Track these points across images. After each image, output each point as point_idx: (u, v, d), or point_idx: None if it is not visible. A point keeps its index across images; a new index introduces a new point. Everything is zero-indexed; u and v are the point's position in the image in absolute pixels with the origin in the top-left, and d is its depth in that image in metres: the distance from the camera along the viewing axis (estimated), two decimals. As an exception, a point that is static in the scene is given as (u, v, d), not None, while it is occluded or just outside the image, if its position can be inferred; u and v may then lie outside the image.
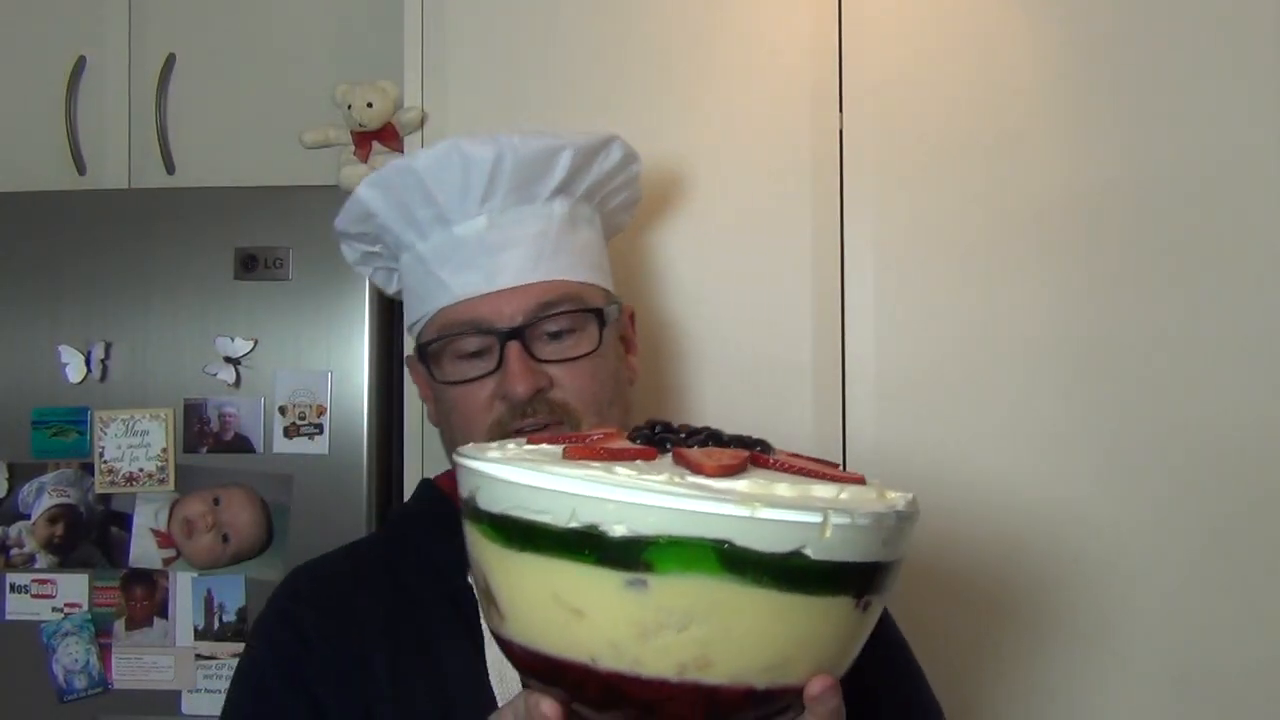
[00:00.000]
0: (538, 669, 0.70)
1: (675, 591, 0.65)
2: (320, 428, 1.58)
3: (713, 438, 0.75)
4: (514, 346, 1.05)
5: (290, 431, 1.58)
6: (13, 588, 1.60)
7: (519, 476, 0.67)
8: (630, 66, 1.55)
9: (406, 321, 1.17)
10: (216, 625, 1.56)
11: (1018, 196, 1.49)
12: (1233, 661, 1.45)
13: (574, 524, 0.65)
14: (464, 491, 0.73)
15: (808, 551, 0.65)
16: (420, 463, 1.56)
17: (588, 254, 1.13)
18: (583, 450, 0.71)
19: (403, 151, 1.59)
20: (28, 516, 1.60)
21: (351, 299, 1.59)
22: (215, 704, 1.54)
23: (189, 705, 1.56)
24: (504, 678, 0.98)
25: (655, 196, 1.50)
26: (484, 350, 1.07)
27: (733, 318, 1.52)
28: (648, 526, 0.64)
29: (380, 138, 1.59)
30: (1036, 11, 1.50)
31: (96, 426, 1.60)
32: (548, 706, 0.69)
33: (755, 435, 0.77)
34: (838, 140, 1.52)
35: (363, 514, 1.57)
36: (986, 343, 1.49)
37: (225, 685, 1.53)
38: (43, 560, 1.60)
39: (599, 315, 1.09)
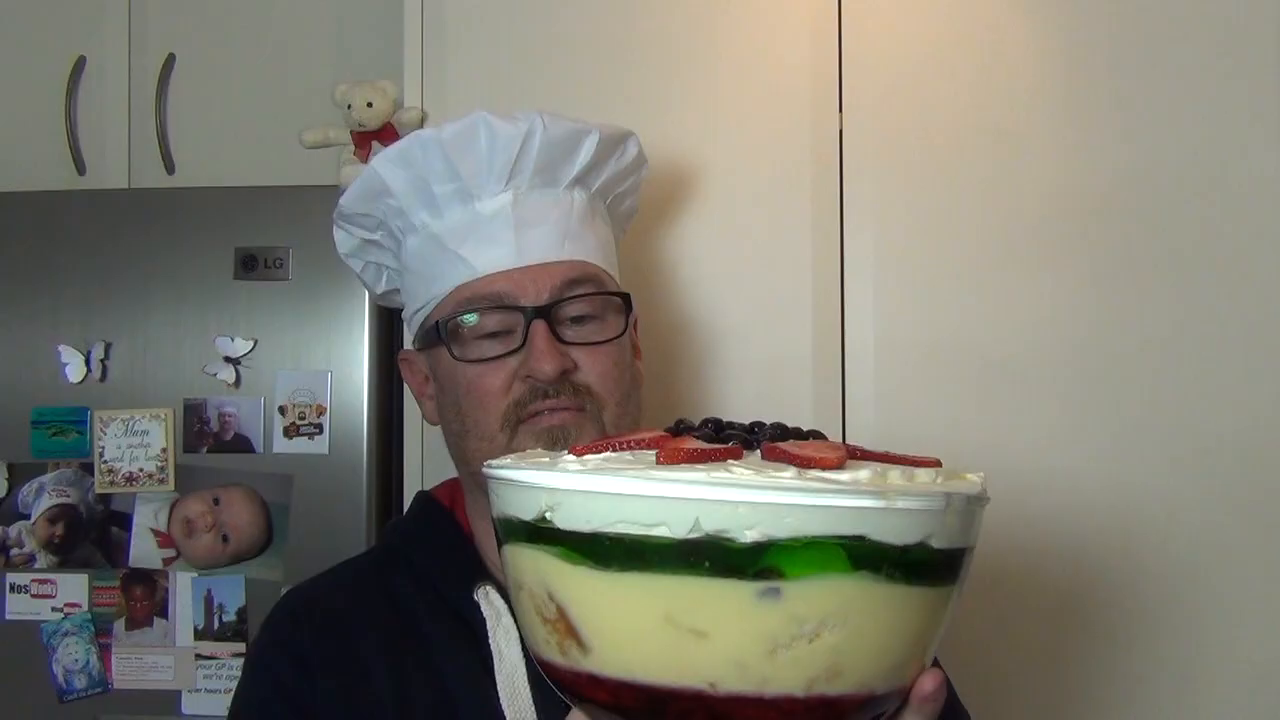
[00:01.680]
0: (635, 702, 0.62)
1: (810, 597, 0.60)
2: (320, 428, 1.58)
3: (784, 431, 0.70)
4: (540, 324, 1.00)
5: (290, 431, 1.58)
6: (13, 588, 1.60)
7: (625, 487, 0.61)
8: (630, 67, 1.55)
9: (408, 310, 1.12)
10: (216, 625, 1.56)
11: (1017, 196, 1.49)
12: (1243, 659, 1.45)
13: (695, 534, 0.59)
14: (522, 513, 0.65)
15: (932, 541, 0.62)
16: (420, 463, 1.56)
17: (605, 248, 1.10)
18: (678, 453, 0.64)
19: (403, 151, 1.59)
20: (28, 516, 1.60)
21: (351, 299, 1.59)
22: (215, 704, 1.55)
23: (189, 705, 1.56)
24: (515, 698, 0.95)
25: (655, 196, 1.50)
26: (505, 330, 1.02)
27: (733, 317, 1.52)
28: (783, 529, 0.59)
29: (380, 138, 1.59)
30: (1036, 12, 1.50)
31: (96, 426, 1.60)
32: None
33: (767, 421, 0.74)
34: (838, 140, 1.52)
35: (363, 514, 1.57)
36: (986, 342, 1.49)
37: (225, 685, 1.55)
38: (43, 560, 1.60)
39: (625, 302, 1.06)
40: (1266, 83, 1.47)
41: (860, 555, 0.60)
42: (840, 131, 1.52)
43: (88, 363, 1.61)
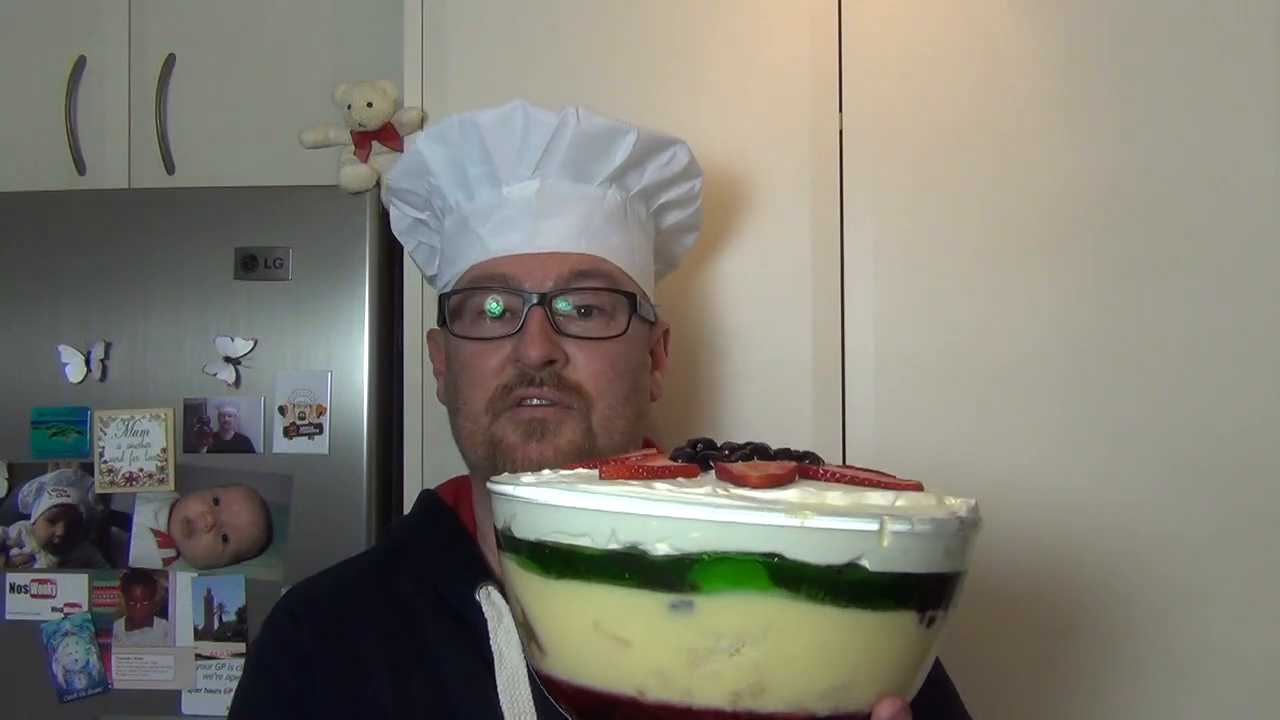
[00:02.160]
0: (584, 705, 0.66)
1: (724, 612, 0.61)
2: (320, 428, 1.58)
3: (758, 451, 0.71)
4: (538, 311, 1.00)
5: (290, 431, 1.58)
6: (13, 588, 1.60)
7: (554, 498, 0.64)
8: (630, 66, 1.55)
9: (437, 286, 1.13)
10: (216, 625, 1.56)
11: (1018, 196, 1.49)
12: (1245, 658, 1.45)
13: (614, 545, 0.62)
14: (499, 522, 0.70)
15: (865, 563, 0.62)
16: (420, 463, 1.56)
17: (634, 251, 1.09)
18: (620, 469, 0.67)
19: (402, 151, 1.59)
20: (28, 516, 1.60)
21: (351, 299, 1.59)
22: (215, 704, 1.55)
23: (189, 705, 1.56)
24: (515, 700, 0.95)
25: (655, 196, 1.50)
26: (508, 313, 1.02)
27: (732, 318, 1.52)
28: (691, 543, 0.61)
29: (380, 138, 1.59)
30: (1036, 12, 1.50)
31: (96, 426, 1.60)
32: None
33: (757, 442, 0.74)
34: (838, 140, 1.52)
35: (363, 514, 1.57)
36: (986, 343, 1.49)
37: (225, 685, 1.55)
38: (43, 560, 1.60)
39: (631, 301, 1.05)
40: (1266, 83, 1.47)
41: (779, 574, 0.61)
42: (840, 131, 1.52)
43: (88, 363, 1.61)
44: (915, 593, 0.64)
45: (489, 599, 1.00)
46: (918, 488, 0.70)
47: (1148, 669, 1.46)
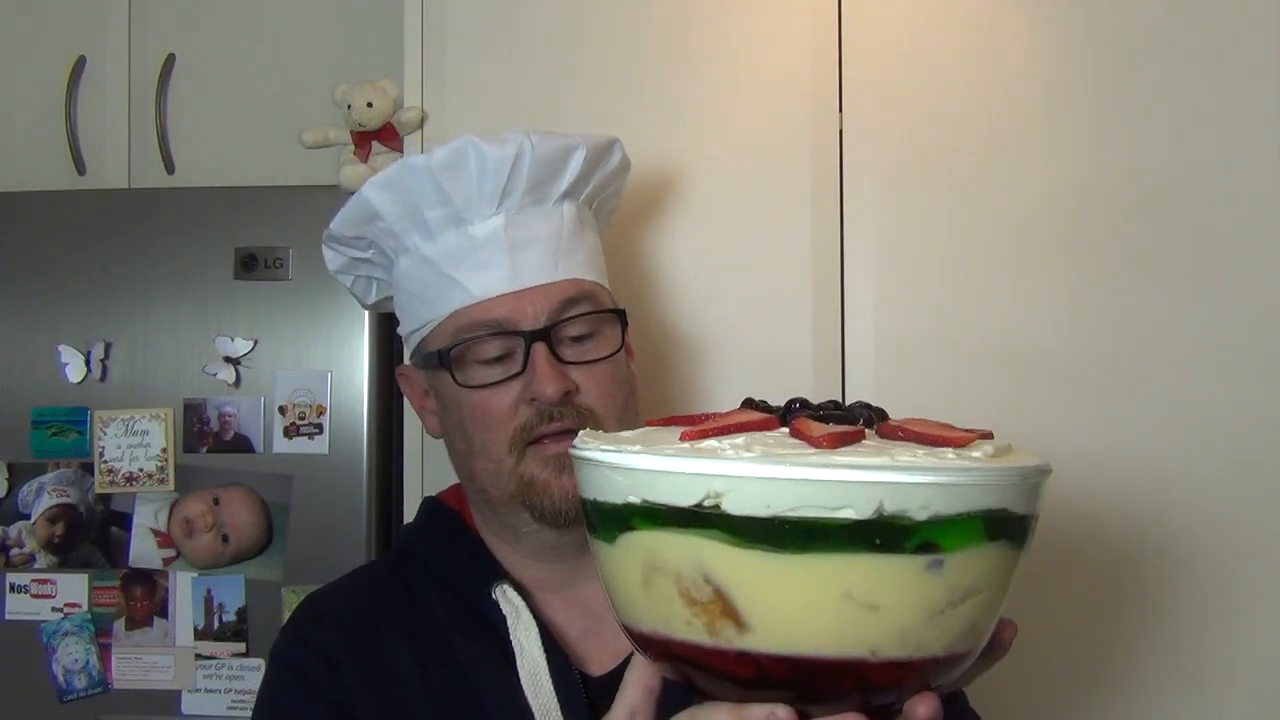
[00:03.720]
0: (786, 674, 0.65)
1: (964, 567, 0.65)
2: (320, 428, 1.58)
3: (865, 407, 0.74)
4: (540, 348, 1.02)
5: (290, 431, 1.58)
6: (13, 588, 1.60)
7: (809, 474, 0.63)
8: (630, 66, 1.55)
9: (405, 329, 1.13)
10: (216, 625, 1.56)
11: (1017, 196, 1.49)
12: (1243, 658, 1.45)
13: (874, 515, 0.63)
14: (673, 499, 0.66)
15: (1036, 509, 0.69)
16: (420, 462, 1.56)
17: (595, 258, 1.11)
18: (835, 436, 0.67)
19: (402, 151, 1.59)
20: (28, 516, 1.60)
21: (351, 299, 1.58)
22: (215, 704, 1.55)
23: (189, 705, 1.56)
24: (538, 691, 0.98)
25: (655, 196, 1.50)
26: (506, 354, 1.03)
27: (732, 317, 1.52)
28: (951, 506, 0.63)
29: (380, 138, 1.59)
30: (1036, 12, 1.50)
31: (96, 426, 1.60)
32: (786, 713, 0.65)
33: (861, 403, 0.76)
34: (838, 140, 1.52)
35: (363, 514, 1.57)
36: (986, 342, 1.49)
37: (225, 685, 1.55)
38: (43, 560, 1.60)
39: (621, 317, 1.08)
40: (1266, 83, 1.47)
41: (996, 525, 0.65)
42: (840, 131, 1.52)
43: (88, 363, 1.61)
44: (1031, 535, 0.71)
45: (505, 597, 1.03)
46: (990, 435, 0.74)
47: (1142, 662, 1.46)
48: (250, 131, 1.84)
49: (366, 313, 1.59)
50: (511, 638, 1.01)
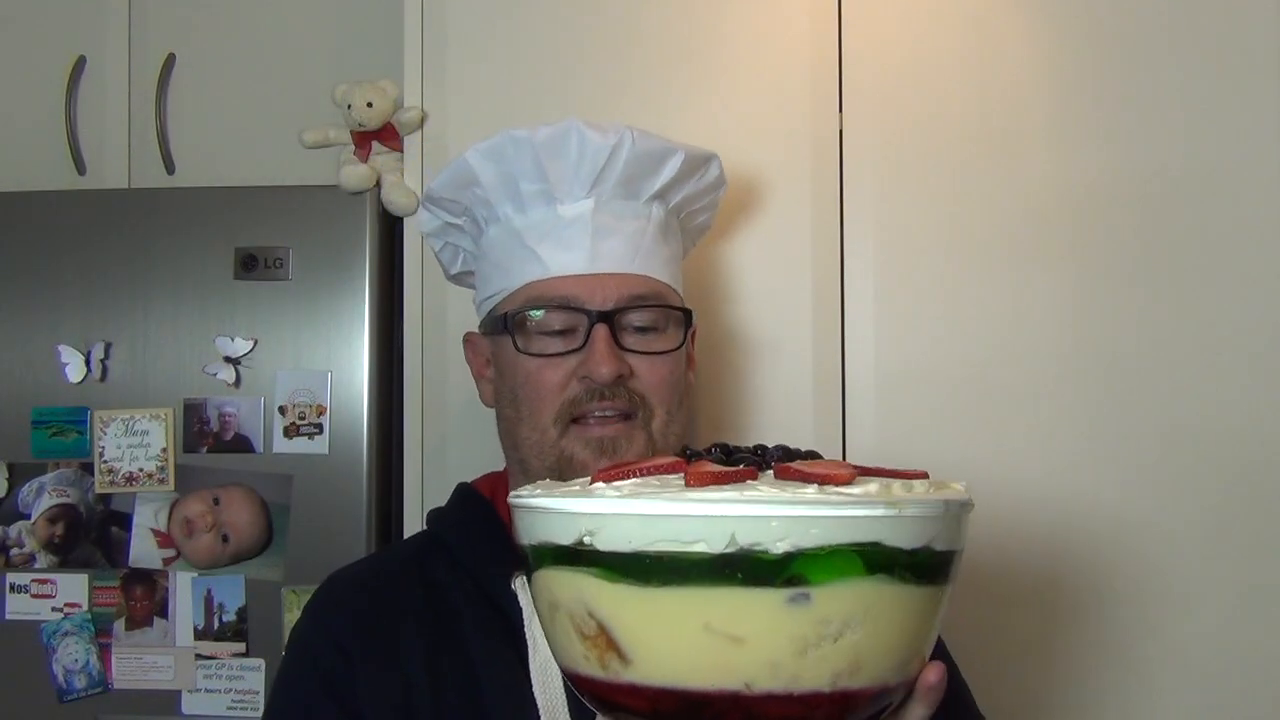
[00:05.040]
0: (673, 708, 0.67)
1: (834, 600, 0.65)
2: (320, 428, 1.58)
3: (782, 451, 0.76)
4: (602, 329, 1.05)
5: (290, 431, 1.58)
6: (13, 588, 1.60)
7: (667, 509, 0.66)
8: (630, 67, 1.55)
9: (479, 295, 1.16)
10: (216, 625, 1.56)
11: (1018, 196, 1.50)
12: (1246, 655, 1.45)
13: (730, 548, 0.64)
14: (559, 538, 0.70)
15: (934, 544, 0.68)
16: (420, 462, 1.56)
17: (673, 264, 1.15)
18: (706, 476, 0.69)
19: (402, 151, 1.59)
20: (28, 516, 1.60)
21: (351, 299, 1.59)
22: (215, 704, 1.55)
23: (189, 705, 1.56)
24: (547, 687, 0.98)
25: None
26: (568, 330, 1.06)
27: (732, 318, 1.52)
28: (810, 539, 0.64)
29: (380, 138, 1.59)
30: (1036, 12, 1.50)
31: (96, 426, 1.60)
32: None
33: (759, 444, 0.78)
34: (838, 140, 1.52)
35: (363, 514, 1.57)
36: (986, 343, 1.49)
37: (225, 685, 1.55)
38: (43, 560, 1.60)
39: (686, 317, 1.11)
40: (1266, 82, 1.47)
41: (875, 560, 0.66)
42: (840, 131, 1.52)
43: (88, 363, 1.61)
44: (951, 568, 0.71)
45: (524, 589, 1.03)
46: (924, 475, 0.75)
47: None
48: (250, 131, 1.84)
49: (367, 313, 1.59)
50: (526, 632, 1.01)
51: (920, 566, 0.68)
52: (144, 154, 1.85)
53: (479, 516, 1.12)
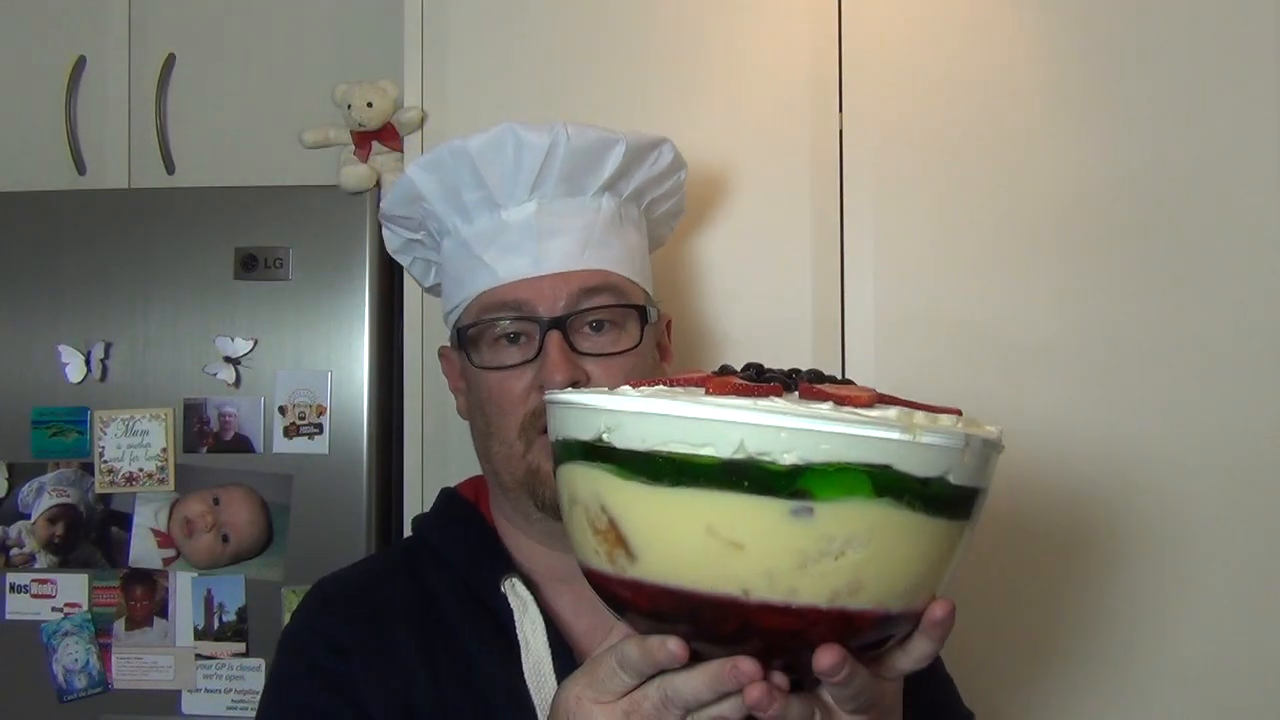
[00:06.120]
0: (672, 607, 0.68)
1: (838, 518, 0.65)
2: (320, 428, 1.58)
3: (814, 373, 0.76)
4: (554, 335, 1.03)
5: (290, 431, 1.58)
6: (13, 588, 1.60)
7: (681, 410, 0.66)
8: (630, 67, 1.55)
9: (444, 309, 1.15)
10: (216, 625, 1.56)
11: (1017, 196, 1.50)
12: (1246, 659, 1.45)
13: (739, 455, 0.65)
14: (581, 433, 0.71)
15: (950, 477, 0.68)
16: (420, 462, 1.56)
17: (633, 255, 1.12)
18: (727, 385, 0.70)
19: (402, 151, 1.59)
20: (28, 516, 1.60)
21: (351, 299, 1.59)
22: (215, 704, 1.55)
23: (189, 705, 1.56)
24: (541, 685, 0.99)
25: (655, 196, 1.50)
26: (522, 336, 1.05)
27: (731, 319, 1.52)
28: (818, 454, 0.64)
29: (380, 138, 1.59)
30: (1037, 11, 1.50)
31: (96, 426, 1.60)
32: (676, 644, 0.69)
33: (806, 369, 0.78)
34: (838, 140, 1.52)
35: (363, 514, 1.57)
36: (986, 343, 1.49)
37: (225, 685, 1.55)
38: (43, 560, 1.60)
39: (641, 313, 1.08)
40: (1267, 82, 1.47)
41: (884, 483, 0.66)
42: (840, 131, 1.52)
43: (88, 363, 1.61)
44: (971, 505, 0.71)
45: (514, 590, 1.04)
46: (958, 413, 0.74)
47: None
48: (250, 131, 1.84)
49: (367, 313, 1.59)
50: (518, 632, 1.01)
51: (933, 497, 0.67)
52: (144, 154, 1.85)
53: (465, 520, 1.12)
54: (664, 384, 0.74)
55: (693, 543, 0.67)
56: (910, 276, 1.50)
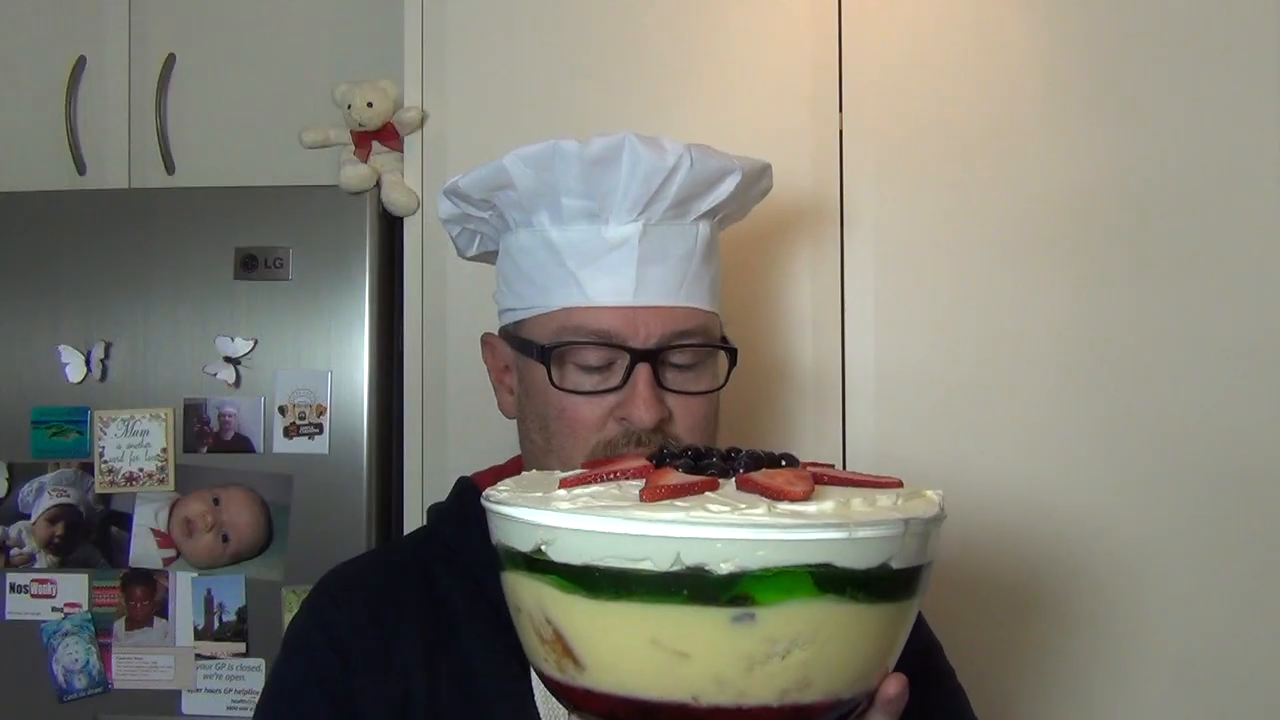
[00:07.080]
0: (626, 713, 0.69)
1: (781, 620, 0.65)
2: (320, 428, 1.58)
3: (752, 458, 0.75)
4: (644, 370, 0.99)
5: (290, 431, 1.58)
6: (13, 588, 1.60)
7: (614, 527, 0.66)
8: (630, 67, 1.55)
9: (506, 300, 1.09)
10: (216, 625, 1.56)
11: (1017, 196, 1.49)
12: (1240, 660, 1.45)
13: (676, 567, 0.65)
14: (520, 545, 0.71)
15: (892, 563, 0.68)
16: (420, 462, 1.56)
17: (716, 285, 1.08)
18: (661, 490, 0.69)
19: (402, 151, 1.59)
20: (28, 516, 1.60)
21: (351, 299, 1.59)
22: (215, 704, 1.55)
23: (189, 705, 1.56)
24: (548, 698, 0.95)
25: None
26: (607, 365, 1.01)
27: (732, 319, 1.51)
28: (755, 561, 0.65)
29: (380, 138, 1.59)
30: (1036, 12, 1.50)
31: (96, 426, 1.60)
32: None
33: (743, 446, 0.78)
34: (838, 140, 1.52)
35: (363, 514, 1.57)
36: (986, 344, 1.49)
37: (225, 685, 1.55)
38: (43, 560, 1.60)
39: (731, 356, 1.05)
40: (1266, 82, 1.47)
41: (825, 580, 0.66)
42: (840, 131, 1.52)
43: (88, 363, 1.61)
44: (916, 582, 0.71)
45: None
46: (898, 484, 0.75)
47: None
48: (250, 131, 1.84)
49: (367, 313, 1.59)
50: None
51: (877, 585, 0.67)
52: (144, 154, 1.85)
53: (477, 512, 1.10)
54: (598, 477, 0.74)
55: (638, 654, 0.67)
56: (911, 276, 1.50)
